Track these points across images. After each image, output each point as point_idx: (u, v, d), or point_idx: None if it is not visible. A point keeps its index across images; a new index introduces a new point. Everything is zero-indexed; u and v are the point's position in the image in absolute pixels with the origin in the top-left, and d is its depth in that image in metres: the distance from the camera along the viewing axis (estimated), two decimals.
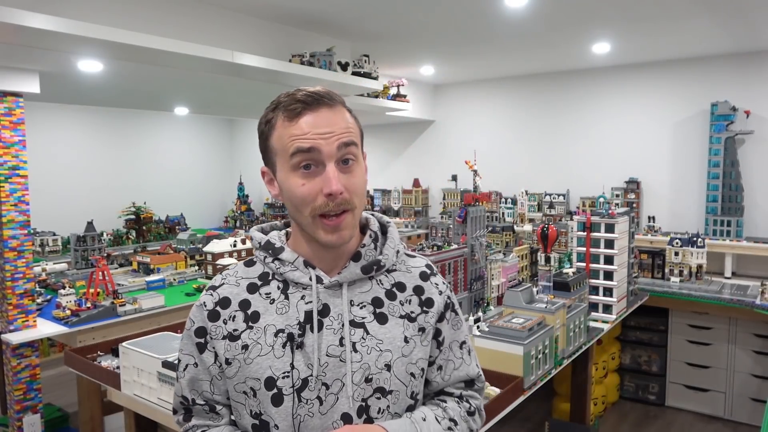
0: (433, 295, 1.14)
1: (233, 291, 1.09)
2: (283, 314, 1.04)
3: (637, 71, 5.23)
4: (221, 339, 1.06)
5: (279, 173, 1.06)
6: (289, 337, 1.02)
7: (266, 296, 1.07)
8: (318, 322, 1.03)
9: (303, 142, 0.99)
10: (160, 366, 2.29)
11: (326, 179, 0.99)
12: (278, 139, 1.03)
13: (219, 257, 4.55)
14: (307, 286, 1.06)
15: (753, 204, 4.73)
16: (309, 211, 1.01)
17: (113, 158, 6.93)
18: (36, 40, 2.58)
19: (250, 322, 1.05)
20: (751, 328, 4.22)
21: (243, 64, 3.23)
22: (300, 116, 1.01)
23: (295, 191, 1.01)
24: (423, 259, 1.20)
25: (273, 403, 1.02)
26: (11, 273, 3.29)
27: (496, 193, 5.95)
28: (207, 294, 1.11)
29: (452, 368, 1.16)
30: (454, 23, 3.80)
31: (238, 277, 1.11)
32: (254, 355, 1.03)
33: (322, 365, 1.01)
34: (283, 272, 1.07)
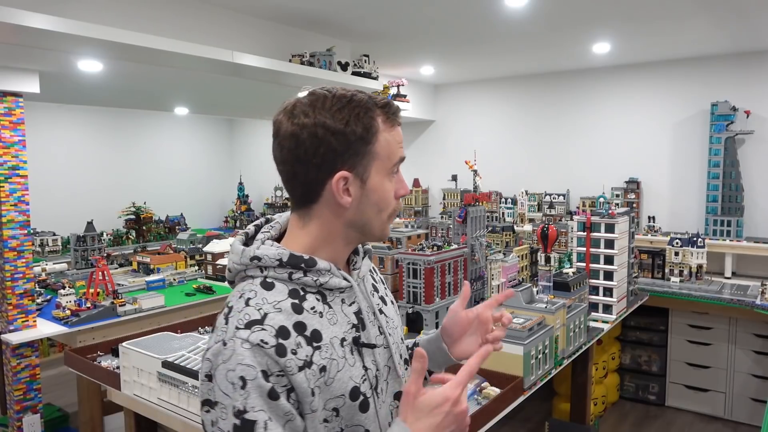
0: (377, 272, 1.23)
1: (281, 318, 0.94)
2: (335, 324, 1.00)
3: (637, 71, 5.23)
4: (299, 371, 0.91)
5: (373, 178, 1.01)
6: (354, 341, 1.02)
7: (313, 311, 0.98)
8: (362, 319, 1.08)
9: (401, 151, 1.07)
10: (160, 366, 2.29)
11: (401, 183, 1.08)
12: (384, 145, 1.02)
13: (219, 257, 4.55)
14: (345, 289, 1.04)
15: (753, 204, 4.73)
16: (390, 213, 1.07)
17: (113, 158, 6.93)
18: (36, 40, 2.58)
19: (315, 342, 0.95)
20: (751, 328, 4.22)
21: (243, 64, 3.23)
22: (396, 122, 1.07)
23: (388, 195, 1.05)
24: None
25: (361, 410, 1.00)
26: (11, 273, 3.30)
27: (496, 193, 5.95)
28: (257, 331, 0.90)
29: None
30: (454, 23, 3.80)
31: (273, 303, 0.96)
32: (333, 373, 0.96)
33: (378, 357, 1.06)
34: (322, 282, 1.00)
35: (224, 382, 0.88)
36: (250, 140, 8.38)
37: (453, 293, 3.41)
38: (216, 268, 4.54)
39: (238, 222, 7.36)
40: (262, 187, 7.94)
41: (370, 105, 1.02)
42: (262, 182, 7.97)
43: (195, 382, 2.15)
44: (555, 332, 2.81)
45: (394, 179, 1.06)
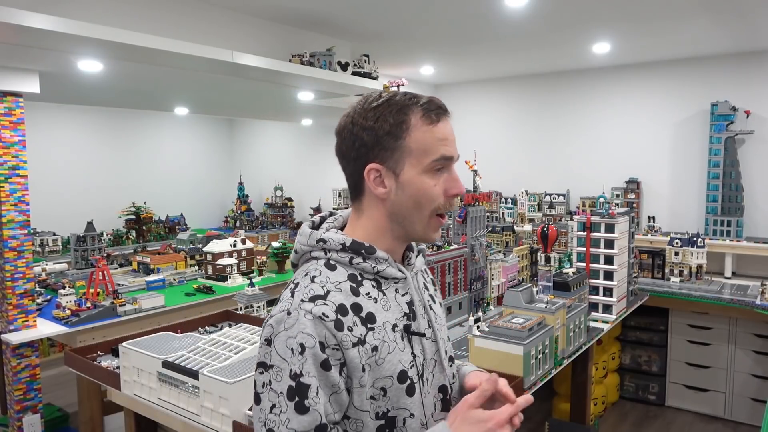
0: (428, 272, 1.29)
1: (341, 297, 1.02)
2: (388, 310, 1.08)
3: (637, 71, 5.23)
4: (353, 347, 0.99)
5: (407, 172, 1.07)
6: (405, 328, 1.08)
7: (368, 296, 1.06)
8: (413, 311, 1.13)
9: (447, 150, 1.09)
10: (160, 366, 2.29)
11: (455, 182, 1.10)
12: (418, 141, 1.07)
13: (219, 257, 4.55)
14: (400, 280, 1.12)
15: (753, 204, 4.73)
16: (432, 210, 1.09)
17: (113, 158, 6.93)
18: (36, 40, 2.58)
19: (368, 324, 1.03)
20: (751, 328, 4.22)
21: (243, 64, 3.23)
22: (440, 120, 1.09)
23: (428, 191, 1.08)
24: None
25: (408, 393, 1.06)
26: (11, 273, 3.30)
27: (496, 193, 5.95)
28: (320, 305, 0.99)
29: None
30: (454, 23, 3.80)
31: (335, 282, 1.04)
32: (384, 353, 1.03)
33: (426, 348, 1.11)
34: (380, 270, 1.09)
35: (283, 348, 0.97)
36: (250, 140, 8.38)
37: (453, 293, 3.41)
38: (216, 268, 4.54)
39: (238, 222, 7.36)
40: (262, 187, 7.94)
41: (407, 103, 1.09)
42: (262, 182, 7.97)
43: (195, 382, 2.15)
44: (555, 332, 2.81)
45: (438, 176, 1.08)
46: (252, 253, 4.83)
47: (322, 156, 7.58)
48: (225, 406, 2.04)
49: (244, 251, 4.75)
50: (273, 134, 8.15)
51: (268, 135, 8.21)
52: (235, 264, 4.56)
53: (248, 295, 3.49)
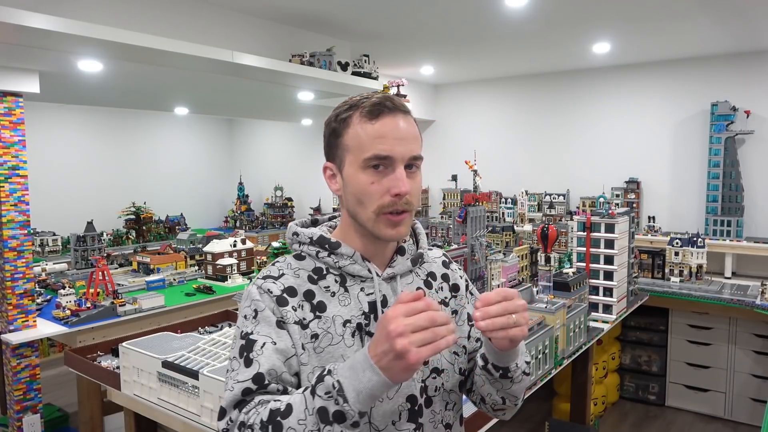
0: (458, 281, 1.26)
1: (295, 281, 1.10)
2: (346, 306, 1.09)
3: (637, 71, 5.23)
4: (293, 324, 1.05)
5: (347, 169, 1.09)
6: (358, 326, 1.07)
7: (326, 289, 1.10)
8: (382, 312, 1.09)
9: (381, 148, 1.05)
10: (160, 366, 2.29)
11: (396, 181, 1.05)
12: (354, 137, 1.08)
13: (219, 257, 4.55)
14: (366, 279, 1.12)
15: (753, 204, 4.73)
16: (375, 208, 1.06)
17: (113, 158, 6.93)
18: (36, 40, 2.58)
19: (317, 312, 1.07)
20: (751, 328, 4.22)
21: (243, 64, 3.23)
22: (379, 118, 1.07)
23: (364, 188, 1.06)
24: (438, 250, 1.32)
25: None
26: (11, 273, 3.29)
27: (496, 193, 5.95)
28: (268, 282, 1.07)
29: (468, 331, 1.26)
30: (454, 23, 3.80)
31: (295, 269, 1.12)
32: (325, 344, 1.06)
33: None
34: (342, 266, 1.11)
35: (241, 319, 1.08)
36: (250, 140, 8.38)
37: None
38: (216, 268, 4.53)
39: (237, 222, 7.36)
40: (262, 187, 7.95)
41: (357, 102, 1.10)
42: (262, 182, 7.97)
43: (195, 382, 2.15)
44: (555, 332, 2.81)
45: (379, 174, 1.06)
46: (252, 253, 4.83)
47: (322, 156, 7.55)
48: None
49: (244, 251, 4.75)
50: (273, 134, 8.15)
51: (268, 135, 8.21)
52: (235, 264, 4.56)
53: None
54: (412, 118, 1.14)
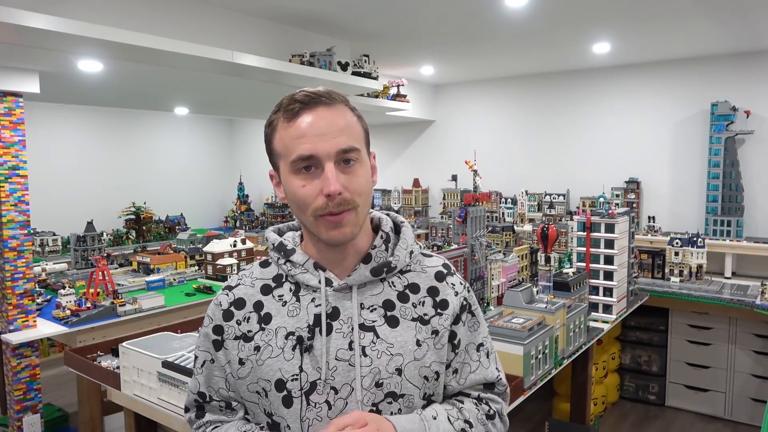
0: (448, 296, 1.11)
1: (248, 292, 1.09)
2: (294, 317, 1.05)
3: (637, 71, 5.23)
4: (233, 339, 1.07)
5: (282, 175, 1.05)
6: (299, 339, 1.02)
7: (279, 298, 1.07)
8: (327, 326, 1.03)
9: (303, 148, 0.98)
10: (160, 366, 2.29)
11: (325, 180, 0.98)
12: (279, 141, 1.03)
13: (219, 257, 4.55)
14: (317, 289, 1.05)
15: (753, 204, 4.73)
16: (310, 212, 1.00)
17: (113, 158, 6.93)
18: (36, 40, 2.58)
19: (263, 324, 1.06)
20: (751, 328, 4.22)
21: (243, 64, 3.23)
22: (298, 116, 1.00)
23: (296, 192, 1.01)
24: (440, 259, 1.17)
25: (284, 404, 1.02)
26: (11, 273, 3.29)
27: (496, 193, 5.95)
28: (223, 293, 1.12)
29: (468, 371, 1.13)
30: (454, 23, 3.80)
31: (254, 278, 1.11)
32: (265, 356, 1.03)
33: (330, 369, 1.01)
34: (294, 274, 1.07)
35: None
36: (250, 140, 8.38)
37: None
38: (216, 268, 4.53)
39: (237, 222, 7.36)
40: (262, 187, 7.95)
41: (280, 103, 1.04)
42: (262, 182, 7.97)
43: None
44: (555, 332, 2.81)
45: (310, 175, 0.99)
46: (252, 253, 4.83)
47: None
48: None
49: (244, 251, 4.75)
50: None
51: None
52: (235, 264, 4.56)
53: None
54: (342, 106, 1.03)
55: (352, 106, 1.07)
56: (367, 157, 1.06)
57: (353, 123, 1.04)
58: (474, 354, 1.14)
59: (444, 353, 1.08)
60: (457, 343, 1.11)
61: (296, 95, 1.02)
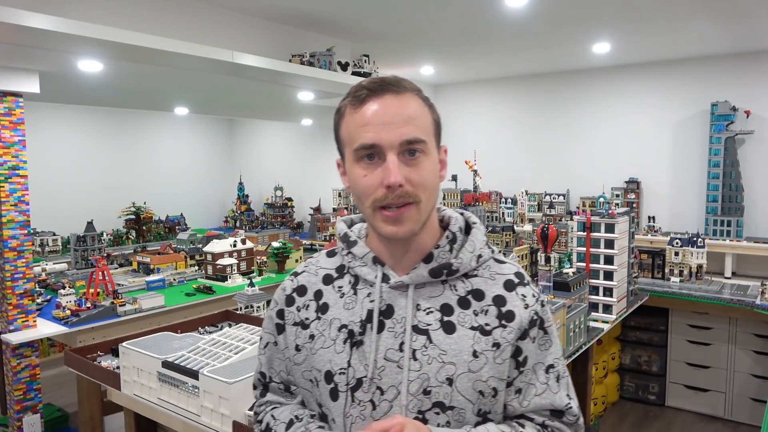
0: (516, 308, 1.00)
1: (311, 280, 1.10)
2: (349, 309, 1.03)
3: (637, 71, 5.23)
4: (292, 325, 1.09)
5: (347, 163, 1.02)
6: (350, 333, 1.00)
7: (338, 289, 1.06)
8: (379, 323, 0.99)
9: (366, 136, 0.95)
10: (160, 366, 2.29)
11: (386, 171, 0.94)
12: (345, 129, 1.00)
13: (219, 257, 4.55)
14: (374, 284, 1.02)
15: (753, 204, 4.73)
16: (369, 203, 0.97)
17: (113, 158, 6.93)
18: (36, 40, 2.58)
19: (320, 313, 1.05)
20: (751, 328, 4.22)
21: (243, 64, 3.23)
22: (364, 103, 0.97)
23: (357, 182, 0.98)
24: (513, 267, 1.07)
25: (331, 397, 1.01)
26: (11, 273, 3.29)
27: (496, 193, 5.95)
28: (288, 279, 1.15)
29: (533, 393, 1.02)
30: (454, 23, 3.80)
31: (318, 267, 1.12)
32: (318, 346, 1.03)
33: (378, 368, 0.97)
34: (353, 266, 1.05)
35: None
36: (250, 140, 8.38)
37: None
38: (216, 268, 4.53)
39: (237, 222, 7.36)
40: (262, 187, 7.94)
41: (350, 90, 1.02)
42: (262, 182, 7.97)
43: (195, 382, 2.15)
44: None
45: (372, 165, 0.96)
46: (252, 253, 4.83)
47: (322, 156, 7.57)
48: (225, 406, 2.04)
49: (244, 251, 4.75)
50: (273, 134, 8.15)
51: (268, 135, 8.21)
52: (235, 264, 4.56)
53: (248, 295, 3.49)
54: (411, 95, 0.99)
55: (424, 96, 1.03)
56: (435, 150, 1.01)
57: (422, 113, 0.99)
58: (542, 375, 1.03)
59: (505, 369, 0.99)
60: (522, 360, 1.01)
61: (364, 81, 1.00)
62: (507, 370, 0.99)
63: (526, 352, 1.01)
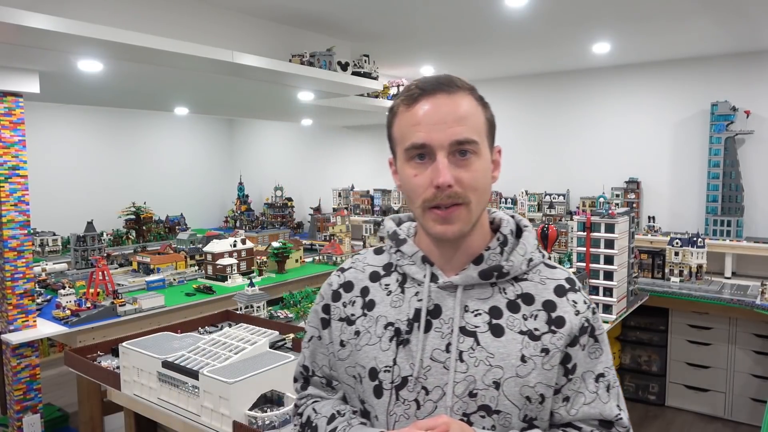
0: (567, 314, 0.99)
1: (357, 276, 1.11)
2: (396, 308, 1.03)
3: (637, 71, 5.23)
4: (338, 320, 1.09)
5: (398, 162, 1.02)
6: (396, 331, 1.00)
7: (385, 287, 1.06)
8: (426, 322, 0.99)
9: (416, 136, 0.95)
10: (160, 366, 2.29)
11: (435, 171, 0.94)
12: (397, 127, 1.00)
13: (219, 257, 4.55)
14: (422, 283, 1.02)
15: (753, 204, 4.73)
16: (420, 203, 0.97)
17: (113, 158, 6.93)
18: (36, 40, 2.58)
19: (366, 310, 1.06)
20: (751, 328, 4.22)
21: (243, 64, 3.23)
22: (416, 102, 0.97)
23: (408, 182, 0.98)
24: (565, 272, 1.06)
25: (375, 394, 1.01)
26: (11, 273, 3.29)
27: (496, 193, 5.95)
28: (335, 274, 1.15)
29: (582, 402, 1.00)
30: (454, 23, 3.80)
31: (365, 263, 1.12)
32: (363, 342, 1.03)
33: (424, 368, 0.97)
34: (401, 265, 1.06)
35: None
36: (250, 140, 8.38)
37: None
38: (216, 268, 4.53)
39: (237, 222, 7.36)
40: (262, 187, 7.95)
41: (404, 88, 1.01)
42: (262, 182, 7.98)
43: (195, 382, 2.15)
44: None
45: (422, 165, 0.96)
46: (252, 253, 4.83)
47: (322, 156, 7.58)
48: (225, 406, 2.04)
49: (244, 251, 4.75)
50: (273, 134, 8.15)
51: (268, 135, 8.21)
52: (235, 264, 4.56)
53: (248, 295, 3.49)
54: (465, 95, 0.98)
55: (478, 95, 1.02)
56: (487, 151, 1.00)
57: (475, 113, 0.98)
58: (591, 384, 1.00)
59: (553, 375, 0.97)
60: (571, 367, 0.99)
61: (417, 80, 0.99)
62: (555, 376, 0.98)
63: (576, 359, 0.99)
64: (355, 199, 6.96)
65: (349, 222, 5.86)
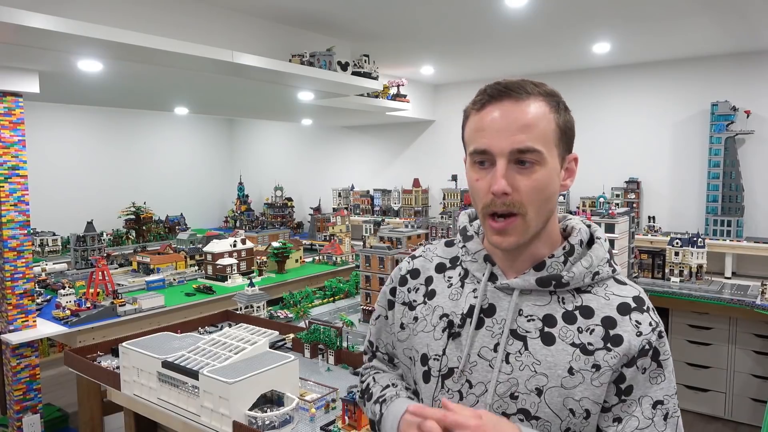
0: (626, 333, 0.95)
1: (425, 265, 1.16)
2: (453, 300, 1.07)
3: (637, 71, 5.23)
4: (402, 304, 1.15)
5: (466, 164, 1.04)
6: (449, 323, 1.04)
7: (447, 279, 1.11)
8: (479, 320, 1.01)
9: (480, 142, 0.96)
10: (160, 366, 2.29)
11: (493, 178, 0.94)
12: (468, 130, 1.02)
13: (219, 257, 4.55)
14: (480, 281, 1.04)
15: (753, 204, 4.73)
16: (481, 207, 0.98)
17: (113, 158, 6.93)
18: (36, 40, 2.57)
19: (427, 299, 1.11)
20: (751, 328, 4.22)
21: (243, 64, 3.23)
22: (484, 108, 0.97)
23: (472, 185, 1.00)
24: (634, 290, 1.01)
25: (423, 379, 1.07)
26: (11, 273, 3.29)
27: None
28: (406, 260, 1.21)
29: (634, 426, 0.95)
30: (454, 23, 3.80)
31: (434, 254, 1.17)
32: (419, 329, 1.09)
33: (470, 363, 1.00)
34: (463, 260, 1.09)
35: None
36: (250, 140, 8.38)
37: None
38: (216, 268, 4.53)
39: (237, 222, 7.36)
40: (262, 187, 7.95)
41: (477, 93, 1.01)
42: (262, 182, 7.98)
43: (195, 382, 2.15)
44: None
45: (484, 170, 0.96)
46: (252, 253, 4.83)
47: (322, 156, 7.58)
48: (225, 406, 2.04)
49: (244, 251, 4.75)
50: (273, 134, 8.15)
51: (268, 135, 8.21)
52: (235, 264, 4.56)
53: (248, 295, 3.49)
54: (533, 101, 0.95)
55: (556, 101, 0.99)
56: (555, 159, 0.97)
57: (543, 120, 0.95)
58: (647, 409, 0.97)
59: (602, 393, 0.94)
60: (625, 388, 0.96)
61: (489, 85, 0.98)
62: (603, 394, 0.95)
63: (632, 381, 0.96)
64: (355, 199, 6.97)
65: (349, 222, 5.86)
